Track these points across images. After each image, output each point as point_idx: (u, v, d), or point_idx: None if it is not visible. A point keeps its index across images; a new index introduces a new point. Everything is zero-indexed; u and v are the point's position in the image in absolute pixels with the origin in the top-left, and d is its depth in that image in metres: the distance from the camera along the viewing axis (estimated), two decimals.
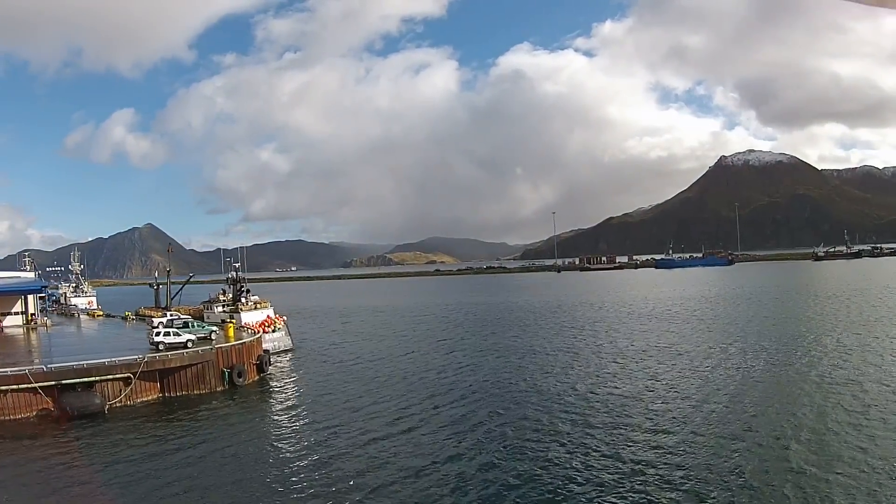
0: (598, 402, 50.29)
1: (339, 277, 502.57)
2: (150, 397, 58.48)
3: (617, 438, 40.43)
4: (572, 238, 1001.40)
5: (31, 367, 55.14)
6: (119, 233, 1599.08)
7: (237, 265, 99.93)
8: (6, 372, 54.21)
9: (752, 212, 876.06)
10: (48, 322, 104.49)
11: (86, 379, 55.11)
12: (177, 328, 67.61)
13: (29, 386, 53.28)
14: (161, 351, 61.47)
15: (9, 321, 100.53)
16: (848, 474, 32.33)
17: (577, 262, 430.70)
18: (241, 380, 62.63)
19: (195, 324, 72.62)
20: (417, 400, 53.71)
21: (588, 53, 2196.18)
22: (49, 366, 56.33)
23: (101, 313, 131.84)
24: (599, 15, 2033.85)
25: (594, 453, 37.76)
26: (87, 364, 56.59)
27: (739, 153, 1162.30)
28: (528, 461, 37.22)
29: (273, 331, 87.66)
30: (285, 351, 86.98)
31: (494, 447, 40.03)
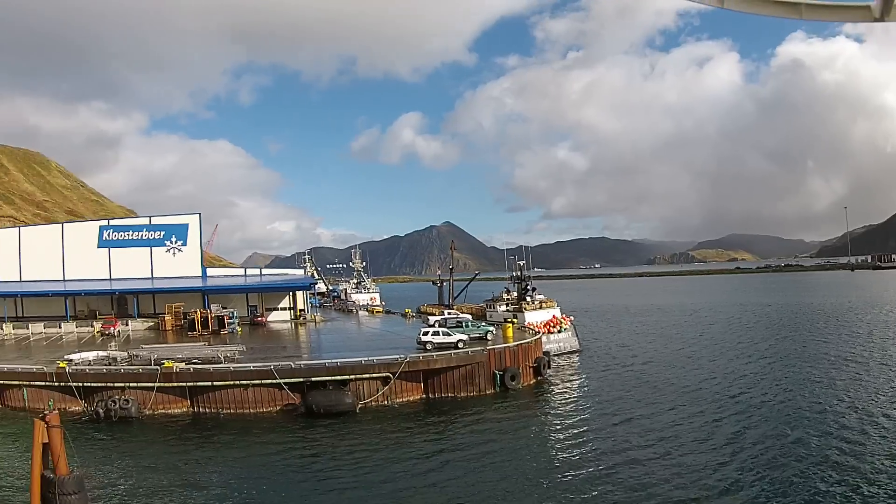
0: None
1: (639, 275, 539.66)
2: (410, 398, 60.81)
3: None
4: (865, 234, 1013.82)
5: (277, 364, 59.08)
6: (416, 231, 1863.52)
7: (521, 263, 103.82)
8: (249, 367, 59.11)
9: None
10: (317, 317, 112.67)
11: (338, 377, 58.14)
12: (449, 328, 71.29)
13: (273, 382, 57.47)
14: (428, 351, 64.40)
15: (275, 316, 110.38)
16: None
17: (869, 260, 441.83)
18: (514, 383, 63.78)
19: (469, 323, 76.31)
20: (702, 412, 53.47)
21: (858, 39, 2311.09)
22: (298, 363, 60.47)
23: (380, 310, 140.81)
24: None
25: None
26: (340, 362, 59.96)
27: None
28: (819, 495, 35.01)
29: (559, 331, 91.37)
30: (570, 352, 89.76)
31: (778, 476, 37.73)
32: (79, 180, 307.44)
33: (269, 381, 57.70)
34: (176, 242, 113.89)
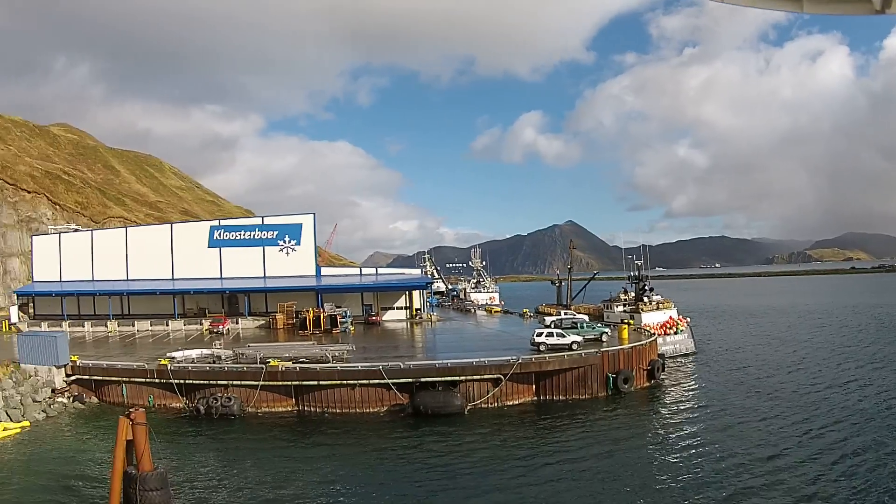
0: None
1: (757, 275, 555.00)
2: (521, 400, 61.11)
3: None
4: None
5: (386, 364, 60.14)
6: (539, 230, 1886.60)
7: (639, 262, 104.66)
8: (357, 367, 60.28)
9: None
10: (433, 317, 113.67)
11: (447, 378, 58.83)
12: (563, 329, 71.85)
13: (381, 382, 58.45)
14: (541, 352, 65.07)
15: (391, 315, 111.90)
16: None
17: None
18: (626, 386, 64.42)
19: (584, 324, 78.26)
20: (807, 419, 53.25)
21: None
22: (407, 363, 61.38)
23: (498, 310, 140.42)
24: None
25: None
26: (450, 363, 60.83)
27: None
28: None
29: (675, 333, 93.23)
30: (686, 355, 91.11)
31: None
32: (194, 181, 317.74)
33: (376, 380, 58.68)
34: (289, 242, 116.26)
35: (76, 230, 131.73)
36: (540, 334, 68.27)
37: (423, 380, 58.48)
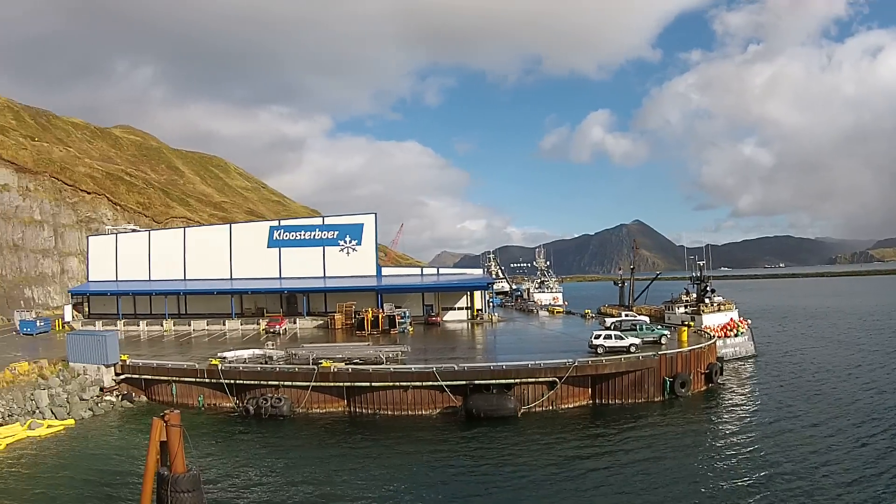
0: None
1: (819, 275, 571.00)
2: (576, 403, 60.98)
3: None
4: None
5: (439, 365, 60.20)
6: (606, 229, 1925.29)
7: (701, 263, 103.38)
8: (410, 368, 60.38)
9: None
10: (495, 318, 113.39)
11: (502, 381, 58.73)
12: (622, 331, 72.00)
13: (434, 384, 58.54)
14: (598, 355, 65.16)
15: (452, 316, 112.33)
16: None
17: None
18: (683, 390, 63.92)
19: (644, 326, 78.11)
20: (859, 424, 52.86)
21: None
22: (462, 365, 61.28)
23: (560, 310, 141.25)
24: None
25: None
26: (505, 365, 60.94)
27: None
28: None
29: (735, 335, 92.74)
30: (746, 358, 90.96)
31: None
32: (259, 182, 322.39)
33: (429, 382, 58.72)
34: (350, 242, 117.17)
35: (133, 230, 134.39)
36: (598, 336, 68.19)
37: (476, 382, 58.35)
